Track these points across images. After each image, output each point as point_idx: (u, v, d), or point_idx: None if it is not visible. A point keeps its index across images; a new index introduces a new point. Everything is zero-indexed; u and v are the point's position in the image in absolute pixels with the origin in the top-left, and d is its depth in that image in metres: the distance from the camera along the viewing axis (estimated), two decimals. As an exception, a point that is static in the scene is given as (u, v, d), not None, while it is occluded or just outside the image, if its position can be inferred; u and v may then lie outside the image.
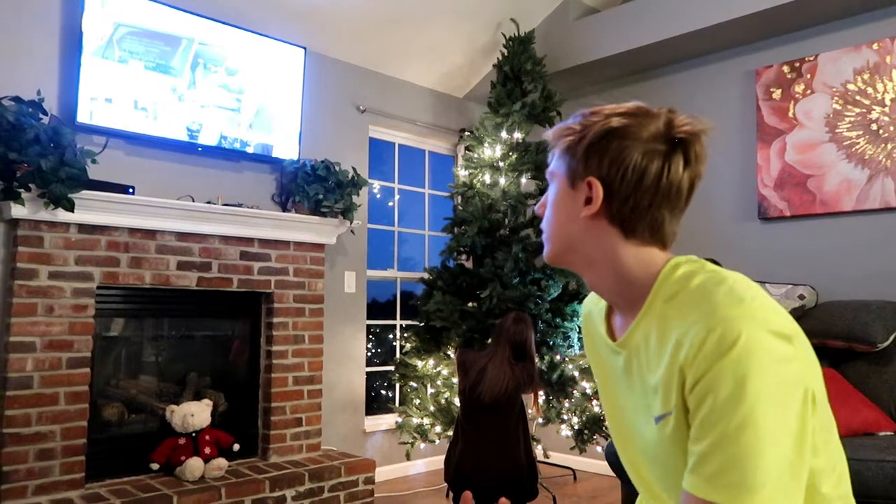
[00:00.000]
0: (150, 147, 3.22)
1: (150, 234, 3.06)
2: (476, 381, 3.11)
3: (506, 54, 4.02)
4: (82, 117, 2.91)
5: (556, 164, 0.97)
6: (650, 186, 0.88)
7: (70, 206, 2.70)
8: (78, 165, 2.70)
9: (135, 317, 3.23)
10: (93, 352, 2.90)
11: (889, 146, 3.21)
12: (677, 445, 0.84)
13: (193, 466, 3.00)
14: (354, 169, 3.73)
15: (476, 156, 3.99)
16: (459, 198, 4.07)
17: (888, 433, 2.63)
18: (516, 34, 4.02)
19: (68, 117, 2.91)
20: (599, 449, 3.64)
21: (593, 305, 1.09)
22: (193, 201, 3.22)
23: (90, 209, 2.83)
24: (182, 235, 3.16)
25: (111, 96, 2.99)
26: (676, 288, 0.87)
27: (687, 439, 0.82)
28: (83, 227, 2.87)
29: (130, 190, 2.96)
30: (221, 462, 3.10)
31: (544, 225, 0.99)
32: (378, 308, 4.39)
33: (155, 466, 3.05)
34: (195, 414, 3.12)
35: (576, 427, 3.60)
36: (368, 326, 4.14)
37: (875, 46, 3.27)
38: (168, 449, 3.08)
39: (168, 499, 2.77)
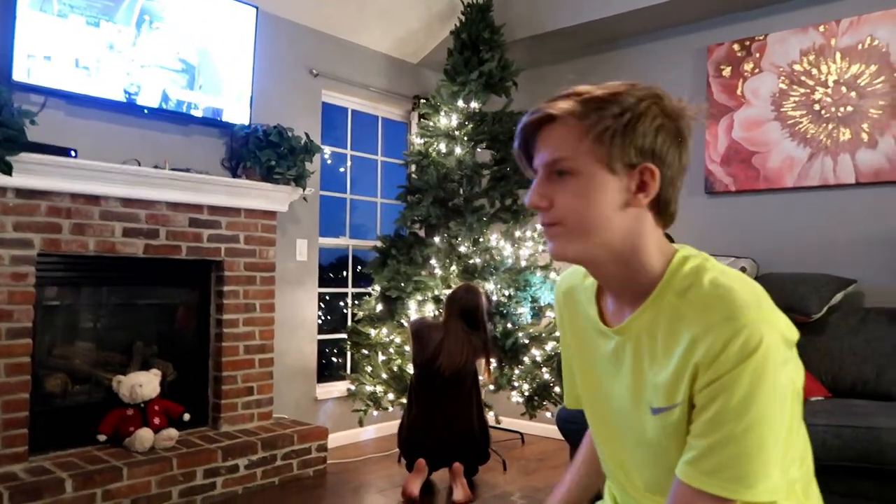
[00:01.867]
0: (91, 108, 3.06)
1: (94, 199, 2.94)
2: (434, 355, 3.14)
3: (463, 21, 3.97)
4: (18, 75, 2.74)
5: (575, 148, 0.88)
6: (684, 168, 0.91)
7: (7, 170, 2.56)
8: (15, 126, 2.56)
9: (78, 285, 3.12)
10: (34, 322, 2.79)
11: (830, 126, 3.34)
12: (675, 437, 0.87)
13: (143, 437, 2.95)
14: (307, 135, 3.65)
15: (431, 124, 3.95)
16: (414, 166, 4.04)
17: (819, 398, 2.80)
18: (475, 1, 3.97)
19: (3, 75, 2.73)
20: (549, 415, 3.75)
21: (577, 282, 1.08)
22: (139, 165, 3.10)
23: (29, 173, 2.69)
24: (127, 201, 3.04)
25: (50, 53, 2.82)
26: (687, 283, 0.88)
27: (686, 433, 0.85)
28: (21, 192, 2.73)
29: (72, 153, 2.82)
30: (172, 432, 3.06)
31: (566, 219, 0.90)
32: (328, 275, 4.35)
33: (102, 438, 2.99)
34: (143, 384, 3.05)
35: (526, 393, 3.68)
36: (319, 294, 4.11)
37: (821, 28, 3.37)
38: (115, 420, 3.01)
39: (118, 470, 2.72)
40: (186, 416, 3.22)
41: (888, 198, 3.20)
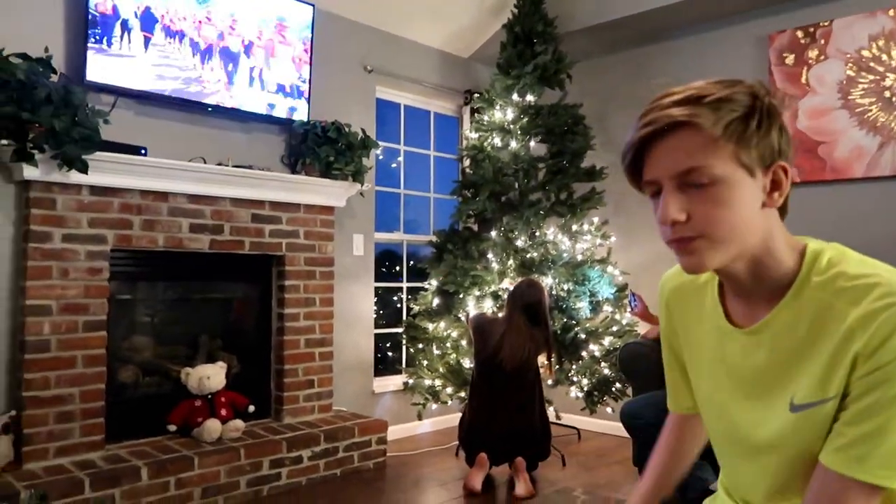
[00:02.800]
0: (159, 107, 3.14)
1: (163, 196, 3.02)
2: (496, 349, 3.14)
3: (516, 14, 3.95)
4: (92, 75, 2.83)
5: (711, 155, 0.83)
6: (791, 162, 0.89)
7: (84, 168, 2.64)
8: (91, 126, 2.64)
9: (147, 279, 3.21)
10: (108, 315, 2.88)
11: (902, 113, 3.23)
12: (816, 435, 0.85)
13: (211, 428, 3.02)
14: (363, 130, 3.68)
15: (486, 118, 3.95)
16: (468, 160, 4.04)
17: None
18: (527, -6, 3.94)
19: (77, 75, 2.82)
20: (610, 410, 3.72)
21: (686, 280, 1.06)
22: (205, 163, 3.17)
23: (102, 171, 2.78)
24: (194, 198, 3.12)
25: (120, 54, 2.91)
26: (832, 275, 0.86)
27: (829, 429, 0.84)
28: (95, 189, 2.82)
29: (143, 151, 2.90)
30: (238, 423, 3.13)
31: (713, 228, 0.84)
32: (380, 270, 4.39)
33: (172, 428, 3.07)
34: (211, 376, 3.12)
35: (585, 389, 3.66)
36: (375, 289, 4.15)
37: (891, 13, 3.25)
38: (185, 411, 3.09)
39: (189, 460, 2.79)
40: (251, 408, 3.28)
41: (965, 186, 3.08)
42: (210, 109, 3.24)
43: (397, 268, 4.47)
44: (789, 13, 3.62)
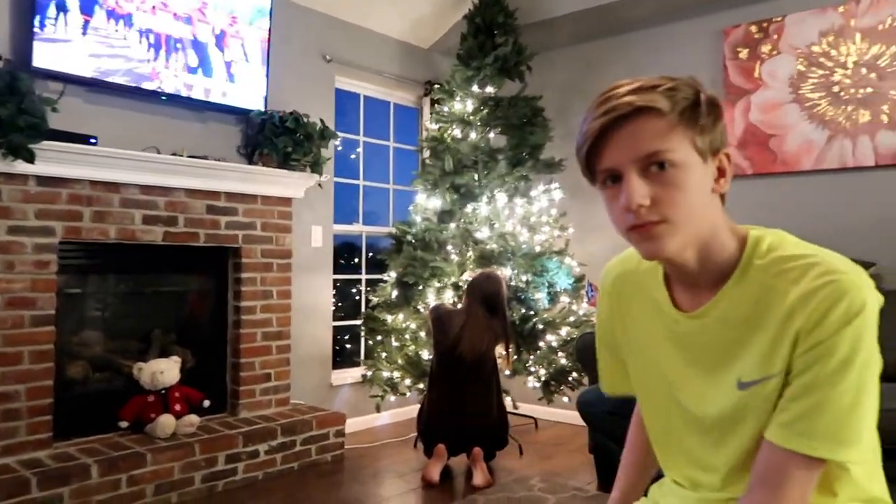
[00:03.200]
0: (110, 95, 3.05)
1: (114, 186, 2.94)
2: (456, 342, 3.15)
3: (477, 5, 3.94)
4: (38, 61, 2.73)
5: (672, 140, 0.86)
6: None
7: (30, 157, 2.56)
8: (38, 114, 2.55)
9: (99, 273, 3.12)
10: (56, 309, 2.80)
11: (849, 108, 3.32)
12: (763, 410, 0.88)
13: (165, 423, 2.96)
14: (322, 121, 3.64)
15: (446, 109, 3.94)
16: (428, 151, 4.03)
17: None
18: (488, -16, 3.93)
19: (23, 61, 2.72)
20: (566, 399, 3.76)
21: (630, 268, 1.08)
22: (159, 153, 3.10)
23: (50, 160, 2.69)
24: (147, 188, 3.04)
25: (68, 38, 2.81)
26: (774, 257, 0.89)
27: (775, 404, 0.86)
28: (42, 180, 2.73)
29: (93, 140, 2.82)
30: (193, 418, 3.08)
31: (675, 212, 0.86)
32: (339, 262, 4.35)
33: (123, 424, 3.01)
34: (164, 371, 3.06)
35: (543, 379, 3.69)
36: (333, 281, 4.11)
37: (841, 9, 3.34)
38: (137, 406, 3.02)
39: (142, 456, 2.74)
40: (206, 403, 3.23)
41: (908, 180, 3.18)
42: (164, 98, 3.17)
43: (356, 260, 4.44)
44: (744, 8, 3.69)
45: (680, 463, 1.04)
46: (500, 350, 3.32)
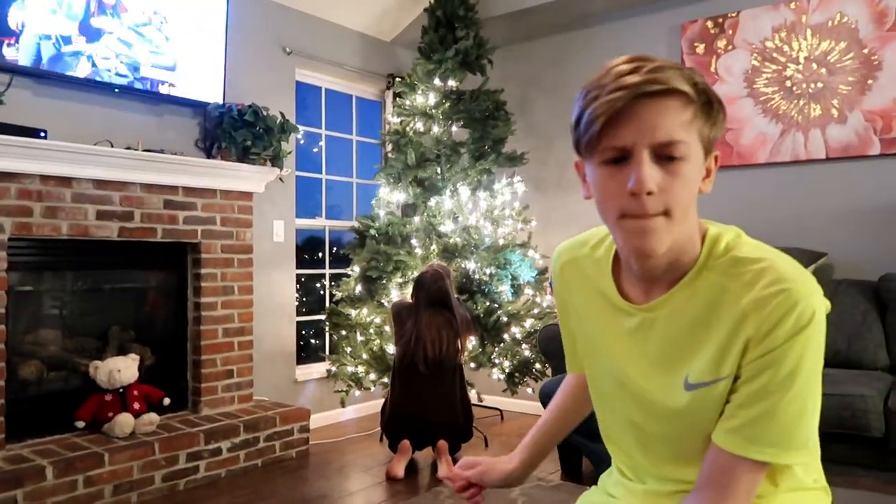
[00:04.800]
0: (60, 87, 2.97)
1: (66, 181, 2.86)
2: (414, 349, 3.15)
3: (437, -2, 3.93)
4: (-17, 52, 2.64)
5: (685, 130, 0.81)
6: None
7: (-25, 151, 2.47)
8: (-18, 106, 2.47)
9: (51, 270, 3.04)
10: (7, 308, 2.72)
11: (801, 103, 3.40)
12: (713, 410, 0.88)
13: (123, 423, 2.90)
14: (283, 114, 3.59)
15: (408, 102, 3.92)
16: (390, 145, 4.01)
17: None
18: (448, -23, 3.93)
19: (-34, 52, 2.63)
20: (530, 391, 3.79)
21: (580, 254, 1.05)
22: (112, 147, 3.02)
23: (-3, 154, 2.60)
24: (101, 183, 2.97)
25: (14, 28, 2.72)
26: (728, 260, 0.87)
27: (724, 404, 0.87)
28: (-11, 174, 2.65)
29: (42, 134, 2.74)
30: (153, 417, 3.02)
31: (677, 207, 0.83)
32: (302, 256, 4.32)
33: (80, 424, 2.94)
34: (122, 369, 3.00)
35: (507, 370, 3.72)
36: (297, 275, 4.08)
37: (792, 6, 3.42)
38: (94, 406, 2.96)
39: (99, 456, 2.68)
40: (167, 401, 3.18)
41: (857, 172, 3.28)
42: (117, 91, 3.09)
43: (320, 254, 4.41)
44: (700, 3, 3.75)
45: (626, 452, 1.04)
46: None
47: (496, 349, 3.73)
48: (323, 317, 4.09)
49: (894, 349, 2.89)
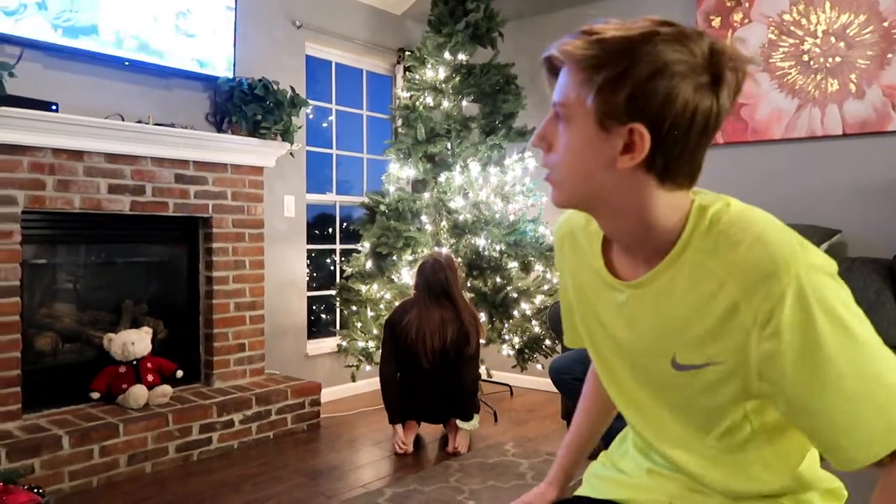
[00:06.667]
0: (71, 60, 2.97)
1: (78, 155, 2.87)
2: (415, 342, 3.12)
3: (448, -30, 3.88)
4: (-7, 25, 2.64)
5: (572, 95, 0.80)
6: (700, 127, 0.77)
7: (-12, 124, 2.48)
8: (-6, 79, 2.47)
9: (64, 243, 3.07)
10: (21, 280, 2.75)
11: (818, 77, 3.35)
12: (704, 394, 0.86)
13: (137, 394, 2.94)
14: (293, 88, 3.58)
15: (418, 77, 3.89)
16: (400, 120, 3.99)
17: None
18: (459, -51, 3.87)
19: (-23, 24, 2.63)
20: (539, 366, 3.80)
21: (578, 225, 1.02)
22: (123, 120, 3.02)
23: (9, 127, 2.61)
24: (112, 157, 2.97)
25: (24, 1, 2.72)
26: (713, 239, 0.81)
27: (728, 391, 0.84)
28: (1, 148, 2.65)
29: (54, 107, 2.74)
30: (166, 388, 3.06)
31: (556, 167, 0.84)
32: (313, 232, 4.32)
33: (95, 395, 2.99)
34: (135, 342, 3.04)
35: (517, 347, 3.73)
36: (307, 251, 4.09)
37: (811, -23, 3.35)
38: (108, 377, 3.00)
39: (114, 426, 2.73)
40: (179, 373, 3.22)
41: (874, 148, 3.23)
42: (127, 64, 3.08)
43: (330, 230, 4.41)
44: (716, -24, 3.67)
45: (633, 426, 1.03)
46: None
47: (506, 325, 3.73)
48: (333, 292, 4.11)
49: (907, 327, 2.87)
